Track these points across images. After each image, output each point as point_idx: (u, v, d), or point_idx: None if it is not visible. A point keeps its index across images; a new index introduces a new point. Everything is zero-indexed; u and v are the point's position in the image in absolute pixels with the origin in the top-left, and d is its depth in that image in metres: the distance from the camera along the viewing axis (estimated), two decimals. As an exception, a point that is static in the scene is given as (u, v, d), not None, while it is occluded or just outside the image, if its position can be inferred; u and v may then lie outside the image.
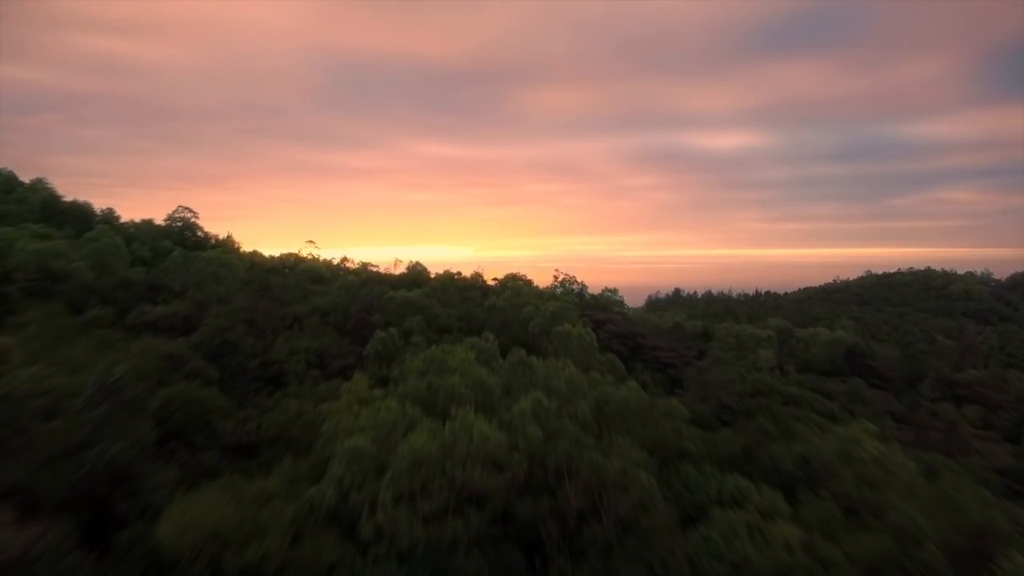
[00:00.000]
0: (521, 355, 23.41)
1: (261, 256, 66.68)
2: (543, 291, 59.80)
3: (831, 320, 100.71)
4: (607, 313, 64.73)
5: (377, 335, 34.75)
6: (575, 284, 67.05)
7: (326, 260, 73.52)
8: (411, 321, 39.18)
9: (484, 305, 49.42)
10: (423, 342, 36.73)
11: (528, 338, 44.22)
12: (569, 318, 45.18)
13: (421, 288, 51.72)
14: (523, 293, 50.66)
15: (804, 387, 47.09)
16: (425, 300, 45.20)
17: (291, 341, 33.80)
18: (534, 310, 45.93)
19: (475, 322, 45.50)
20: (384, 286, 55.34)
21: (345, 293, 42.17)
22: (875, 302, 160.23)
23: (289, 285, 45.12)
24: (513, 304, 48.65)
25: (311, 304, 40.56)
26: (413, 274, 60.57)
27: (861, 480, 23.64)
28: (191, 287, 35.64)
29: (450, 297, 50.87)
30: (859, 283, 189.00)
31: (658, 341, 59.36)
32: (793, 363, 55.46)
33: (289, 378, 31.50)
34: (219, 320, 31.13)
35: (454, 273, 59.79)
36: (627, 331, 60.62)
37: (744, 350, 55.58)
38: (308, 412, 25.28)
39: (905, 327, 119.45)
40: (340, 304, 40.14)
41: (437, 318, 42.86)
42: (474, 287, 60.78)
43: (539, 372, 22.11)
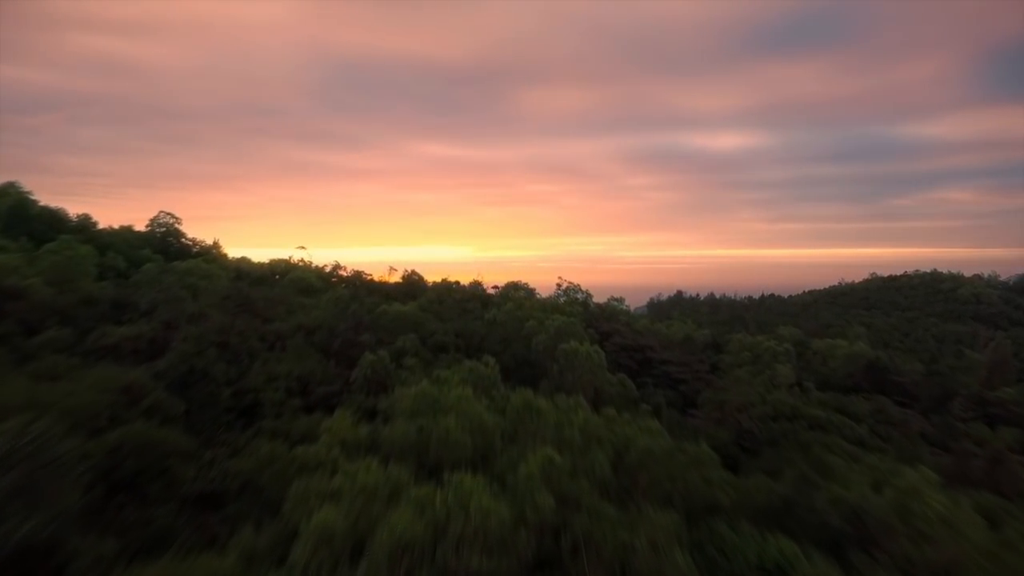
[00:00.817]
0: (527, 397, 20.12)
1: (250, 263, 63.38)
2: (546, 300, 56.55)
3: (842, 327, 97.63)
4: (613, 324, 61.52)
5: (366, 358, 31.46)
6: (579, 292, 63.81)
7: (319, 266, 70.29)
8: (404, 340, 35.90)
9: (484, 319, 46.15)
10: (417, 364, 33.48)
11: (532, 356, 41.00)
12: (575, 334, 41.90)
13: (417, 300, 48.47)
14: (525, 306, 47.39)
15: (827, 407, 43.86)
16: (420, 314, 41.93)
17: (270, 365, 30.50)
18: (537, 325, 42.67)
19: (474, 338, 42.24)
20: (378, 297, 52.08)
21: (334, 307, 38.87)
22: (882, 306, 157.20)
23: (274, 298, 41.81)
24: (515, 318, 45.38)
25: (295, 321, 37.27)
26: (408, 283, 57.31)
27: (921, 537, 20.49)
28: (161, 304, 32.34)
29: (447, 310, 47.62)
30: (865, 286, 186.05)
31: (668, 354, 56.11)
32: (812, 379, 52.17)
33: (266, 409, 28.20)
34: (187, 344, 27.83)
35: (452, 282, 56.71)
36: (635, 344, 57.39)
37: (760, 364, 52.39)
38: (281, 457, 21.98)
39: (917, 333, 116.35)
40: (327, 321, 36.85)
41: (433, 335, 39.58)
42: (473, 296, 57.56)
43: (548, 418, 18.83)
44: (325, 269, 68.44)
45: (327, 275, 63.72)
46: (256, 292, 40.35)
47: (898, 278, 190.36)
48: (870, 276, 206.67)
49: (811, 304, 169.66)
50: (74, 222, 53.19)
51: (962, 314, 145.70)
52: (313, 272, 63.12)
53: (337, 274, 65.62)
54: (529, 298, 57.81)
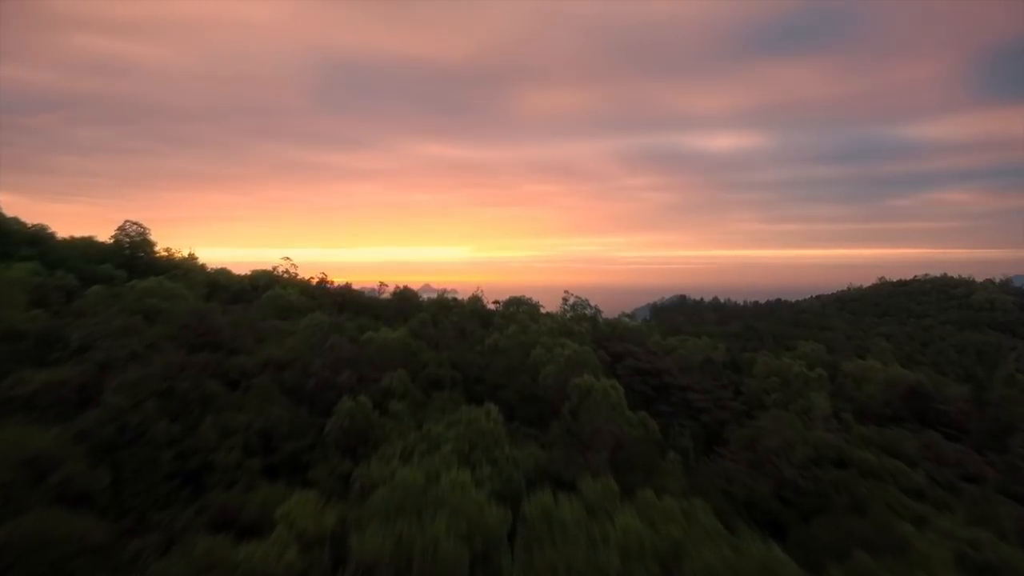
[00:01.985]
0: (544, 503, 14.90)
1: (228, 276, 58.07)
2: (553, 320, 51.34)
3: (862, 338, 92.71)
4: (625, 344, 56.39)
5: (343, 405, 26.28)
6: (587, 307, 58.66)
7: (305, 279, 64.99)
8: (391, 377, 30.71)
9: (484, 343, 40.95)
10: (405, 410, 28.28)
11: (539, 391, 35.81)
12: (588, 363, 36.73)
13: (408, 322, 43.26)
14: (530, 329, 42.18)
15: (873, 446, 38.75)
16: (411, 342, 36.71)
17: (227, 416, 25.26)
18: (545, 353, 37.50)
19: (472, 369, 37.06)
20: (365, 316, 46.84)
21: (311, 336, 33.67)
22: (895, 312, 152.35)
23: (243, 323, 36.58)
24: (519, 343, 40.20)
25: (265, 354, 32.05)
26: (400, 300, 51.96)
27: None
28: (101, 339, 27.08)
29: (442, 333, 42.40)
30: (875, 291, 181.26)
31: (687, 379, 50.96)
32: (847, 407, 47.05)
33: (217, 474, 22.98)
34: (121, 395, 22.62)
35: (448, 299, 51.42)
36: (651, 367, 52.19)
37: (790, 391, 47.34)
38: (221, 561, 16.80)
39: (936, 344, 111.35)
40: (301, 355, 31.64)
41: (426, 367, 34.38)
42: (472, 313, 52.39)
43: (577, 536, 13.63)
44: (312, 281, 63.21)
45: (313, 289, 58.42)
46: (222, 318, 35.06)
47: (908, 283, 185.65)
48: (878, 280, 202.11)
49: (820, 311, 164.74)
50: (26, 231, 47.60)
51: (977, 321, 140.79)
52: (297, 286, 57.83)
53: (324, 287, 60.35)
54: (534, 316, 52.61)
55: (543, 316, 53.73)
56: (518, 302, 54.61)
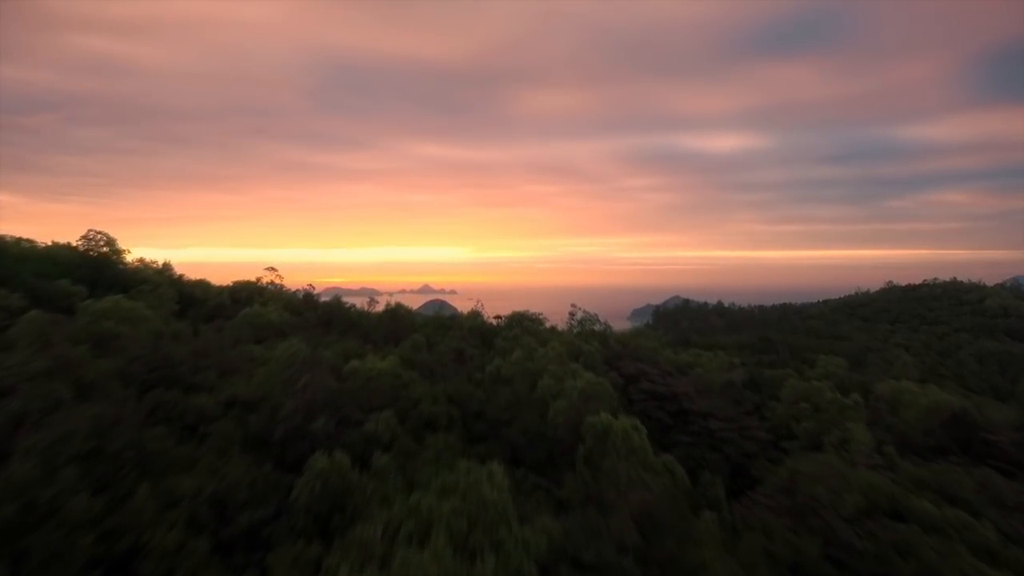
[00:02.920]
0: None
1: (206, 289, 53.38)
2: (560, 339, 46.70)
3: (882, 349, 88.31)
4: (638, 365, 51.78)
5: (316, 463, 21.68)
6: (596, 323, 54.07)
7: (291, 289, 60.32)
8: (377, 420, 26.10)
9: (485, 371, 36.33)
10: (391, 466, 23.64)
11: (548, 430, 31.19)
12: (604, 397, 32.16)
13: (400, 345, 38.64)
14: (536, 354, 37.55)
15: (928, 490, 34.38)
16: (402, 372, 32.09)
17: (171, 480, 20.63)
18: (555, 384, 32.91)
19: (472, 403, 32.45)
20: (352, 338, 42.15)
21: (285, 368, 29.01)
22: (906, 319, 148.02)
23: (211, 351, 31.93)
24: (524, 371, 35.61)
25: (230, 391, 27.41)
26: (392, 319, 47.29)
27: None
28: (23, 381, 22.44)
29: (438, 359, 37.77)
30: (885, 296, 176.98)
31: (706, 403, 46.39)
32: (888, 437, 42.47)
33: (152, 560, 18.34)
34: (29, 464, 17.99)
35: (446, 316, 46.80)
36: (668, 391, 47.61)
37: (823, 419, 42.86)
38: None
39: (954, 353, 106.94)
40: (272, 393, 26.99)
41: (418, 404, 29.76)
42: (472, 331, 47.76)
43: None
44: (299, 291, 58.56)
45: (298, 303, 53.74)
46: (182, 346, 30.41)
47: (917, 287, 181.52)
48: (886, 284, 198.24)
49: (829, 316, 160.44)
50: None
51: (993, 328, 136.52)
52: (281, 299, 53.16)
53: (311, 299, 55.69)
54: (539, 334, 47.97)
55: (550, 334, 49.15)
56: (521, 318, 50.00)
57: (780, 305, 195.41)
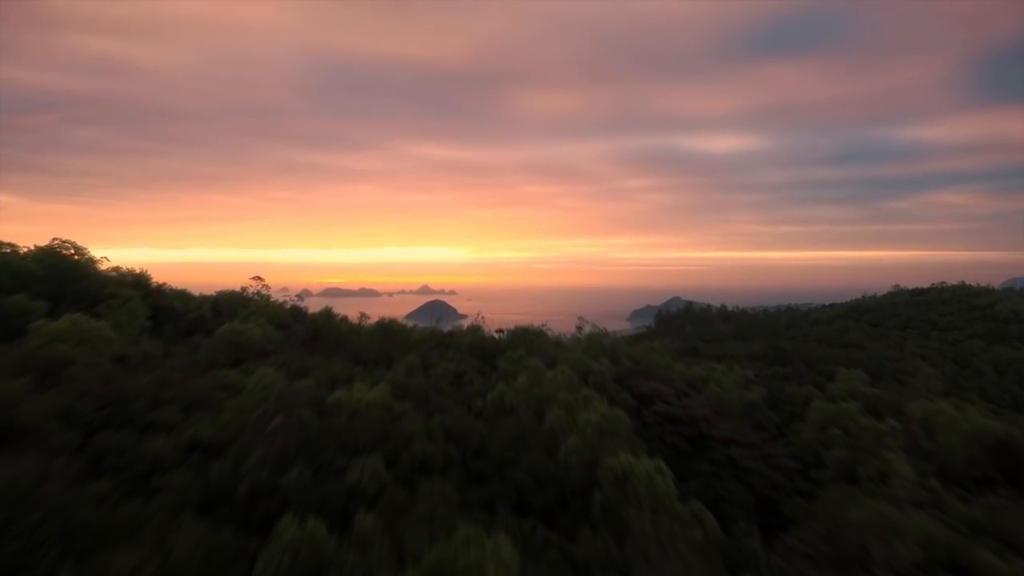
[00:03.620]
0: None
1: (186, 300, 49.60)
2: (567, 355, 42.98)
3: (900, 359, 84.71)
4: (652, 384, 48.06)
5: (284, 531, 17.94)
6: (605, 336, 50.36)
7: (279, 301, 56.53)
8: (362, 468, 22.38)
9: (487, 399, 32.61)
10: (375, 529, 19.89)
11: (558, 471, 27.46)
12: (621, 431, 28.44)
13: (393, 367, 34.92)
14: (544, 378, 33.83)
15: (985, 535, 30.77)
16: (393, 404, 28.37)
17: (100, 556, 16.88)
18: (564, 416, 29.20)
19: (472, 439, 28.72)
20: (340, 359, 38.33)
21: (258, 403, 25.26)
22: (916, 324, 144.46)
23: (175, 379, 28.18)
24: (530, 399, 31.91)
25: (192, 432, 23.68)
26: (385, 334, 43.31)
27: None
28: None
29: (434, 383, 34.03)
30: (892, 301, 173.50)
31: (728, 428, 42.69)
32: (929, 468, 38.79)
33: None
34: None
35: (443, 333, 42.99)
36: (684, 413, 43.85)
37: (857, 448, 39.26)
38: None
39: (973, 363, 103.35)
40: (240, 434, 23.25)
41: (410, 443, 26.03)
42: (472, 349, 44.04)
43: None
44: (285, 304, 54.79)
45: (284, 316, 49.97)
46: (141, 377, 26.64)
47: (925, 291, 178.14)
48: (893, 288, 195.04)
49: (836, 321, 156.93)
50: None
51: (1006, 335, 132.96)
52: (267, 312, 49.39)
53: (299, 312, 51.95)
54: (544, 349, 44.22)
55: (556, 348, 45.44)
56: (525, 333, 46.27)
57: (785, 309, 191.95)
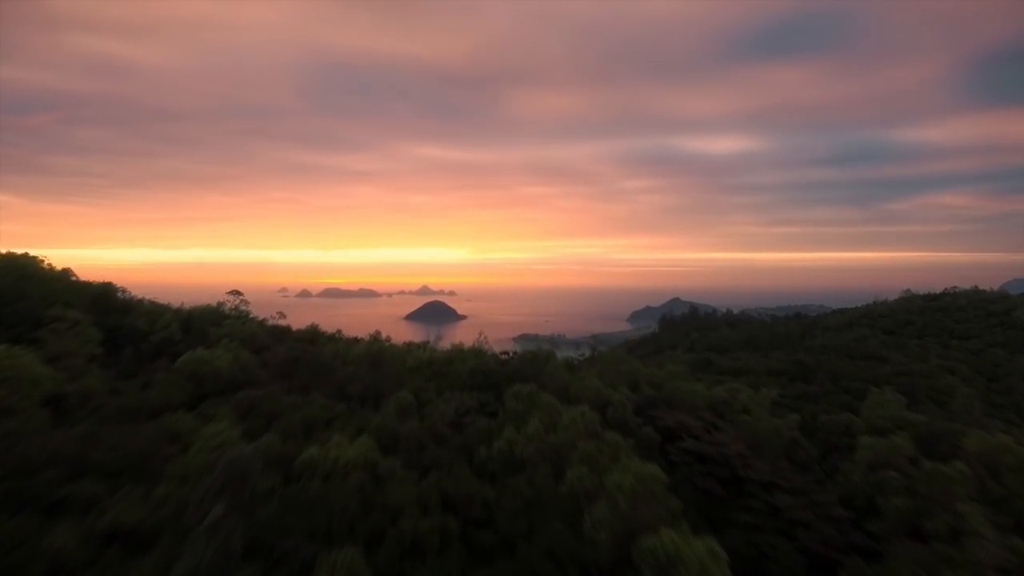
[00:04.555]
0: None
1: (154, 318, 44.22)
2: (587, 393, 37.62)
3: (932, 375, 79.53)
4: (676, 415, 42.71)
5: None
6: (624, 360, 45.00)
7: (258, 318, 51.17)
8: (332, 566, 17.07)
9: (492, 448, 27.28)
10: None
11: (585, 550, 22.17)
12: (661, 497, 23.12)
13: (382, 410, 29.42)
14: (560, 423, 28.46)
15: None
16: (379, 463, 23.03)
17: None
18: (588, 475, 23.88)
19: (475, 506, 23.40)
20: (321, 396, 32.94)
21: (208, 466, 19.93)
22: (934, 332, 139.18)
23: (111, 432, 22.80)
24: (544, 449, 26.60)
25: (112, 516, 18.34)
26: (373, 357, 37.33)
27: None
28: None
29: (429, 428, 28.68)
30: (905, 306, 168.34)
31: (766, 468, 37.39)
32: (1005, 521, 33.53)
33: None
34: None
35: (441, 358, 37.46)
36: (716, 450, 38.53)
37: (917, 493, 34.10)
38: None
39: (1003, 377, 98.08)
40: (174, 518, 17.93)
41: (397, 518, 20.71)
42: (474, 378, 38.61)
43: None
44: (266, 322, 49.46)
45: (263, 336, 44.51)
46: (51, 436, 21.27)
47: (939, 297, 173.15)
48: (904, 293, 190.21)
49: (848, 328, 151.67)
50: None
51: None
52: (243, 332, 43.99)
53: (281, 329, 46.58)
54: (557, 378, 38.87)
55: (569, 377, 40.09)
56: (534, 357, 40.91)
57: (794, 315, 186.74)
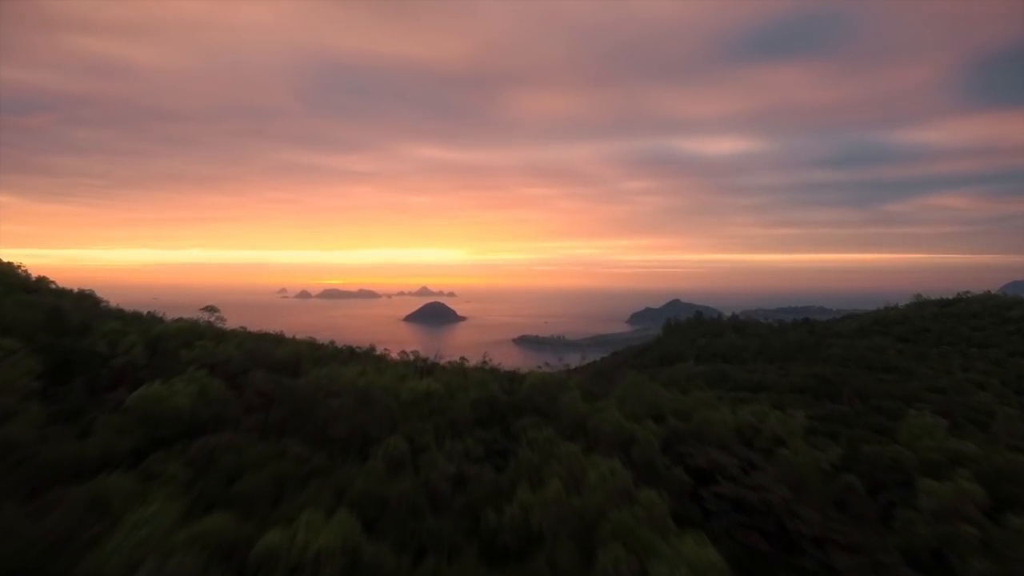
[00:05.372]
0: None
1: (116, 340, 39.23)
2: (605, 419, 32.62)
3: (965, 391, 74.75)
4: (709, 452, 37.65)
5: None
6: (645, 386, 40.01)
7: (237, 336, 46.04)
8: None
9: (504, 516, 22.30)
10: None
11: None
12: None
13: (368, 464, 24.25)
14: (585, 480, 23.46)
15: None
16: (362, 548, 18.02)
17: None
18: (623, 559, 18.89)
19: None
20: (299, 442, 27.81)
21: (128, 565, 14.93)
22: (950, 339, 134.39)
23: (8, 515, 17.79)
24: (569, 516, 21.60)
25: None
26: (362, 400, 31.80)
27: None
28: None
29: (423, 485, 23.62)
30: (918, 313, 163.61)
31: (820, 521, 32.40)
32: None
33: None
34: None
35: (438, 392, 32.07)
36: (756, 497, 33.38)
37: (1002, 556, 29.28)
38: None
39: None
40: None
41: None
42: (477, 411, 33.42)
43: None
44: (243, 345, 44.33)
45: (240, 361, 39.33)
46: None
47: (952, 303, 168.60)
48: (915, 298, 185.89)
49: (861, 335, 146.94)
50: None
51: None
52: (218, 354, 38.92)
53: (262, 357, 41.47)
54: (573, 408, 33.84)
55: (587, 407, 35.05)
56: (546, 384, 35.77)
57: (803, 320, 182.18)
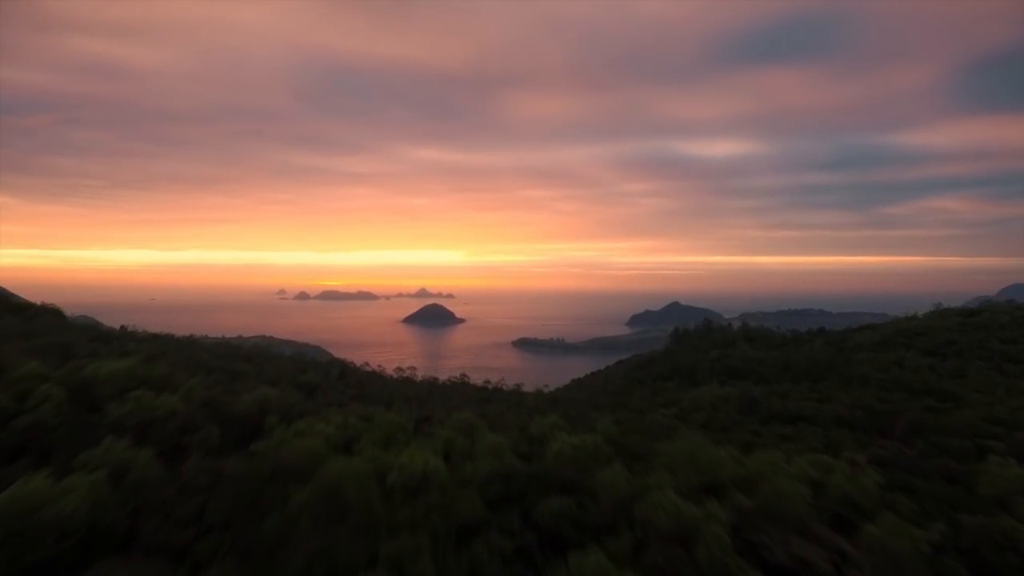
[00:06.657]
0: None
1: (25, 390, 31.02)
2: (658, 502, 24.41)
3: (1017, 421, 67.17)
4: (787, 537, 29.55)
5: None
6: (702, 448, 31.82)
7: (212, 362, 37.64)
8: None
9: None
10: None
11: None
12: None
13: None
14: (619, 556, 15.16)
15: None
16: None
17: None
18: None
19: None
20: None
21: None
22: (982, 354, 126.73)
23: None
24: None
25: None
26: (328, 498, 23.03)
27: None
28: None
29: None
30: (941, 324, 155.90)
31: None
32: None
33: None
34: None
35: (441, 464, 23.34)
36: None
37: None
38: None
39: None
40: None
41: None
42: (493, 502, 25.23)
43: None
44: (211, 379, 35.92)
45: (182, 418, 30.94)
46: None
47: (977, 312, 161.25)
48: (935, 307, 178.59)
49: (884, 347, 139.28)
50: None
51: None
52: (161, 409, 30.69)
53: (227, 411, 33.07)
54: (618, 485, 25.70)
55: (632, 486, 26.97)
56: (577, 453, 27.51)
57: (818, 331, 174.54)
